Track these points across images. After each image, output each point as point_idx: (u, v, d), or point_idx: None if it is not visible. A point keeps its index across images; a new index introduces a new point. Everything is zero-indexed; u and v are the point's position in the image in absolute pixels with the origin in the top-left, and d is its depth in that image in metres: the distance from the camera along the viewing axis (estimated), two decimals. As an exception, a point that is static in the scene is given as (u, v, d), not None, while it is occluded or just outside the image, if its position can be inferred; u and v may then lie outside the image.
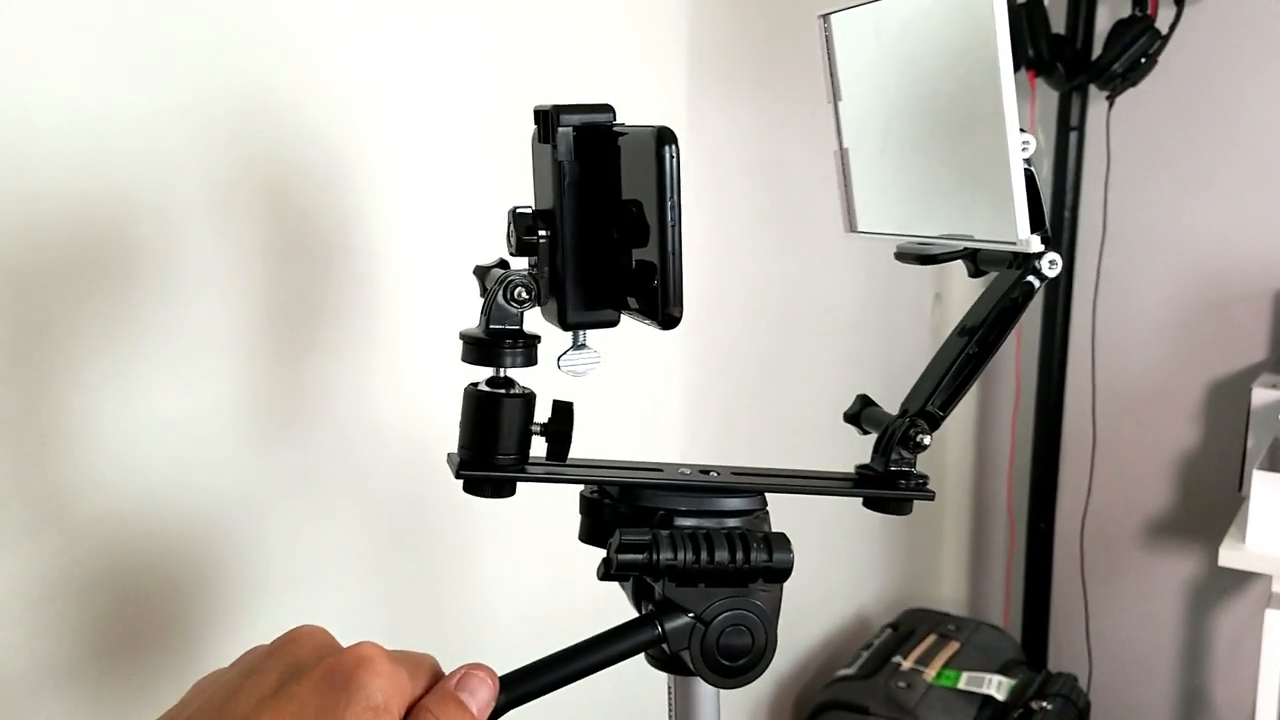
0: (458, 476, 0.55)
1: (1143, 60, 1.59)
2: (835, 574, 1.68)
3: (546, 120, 0.54)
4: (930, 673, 1.53)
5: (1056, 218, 1.73)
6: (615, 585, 0.58)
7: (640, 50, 1.13)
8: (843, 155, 0.70)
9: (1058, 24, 1.67)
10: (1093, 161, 1.74)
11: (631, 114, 0.56)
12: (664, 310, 0.51)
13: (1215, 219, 1.75)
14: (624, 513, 0.57)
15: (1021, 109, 1.80)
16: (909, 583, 1.92)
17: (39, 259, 0.65)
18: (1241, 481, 1.57)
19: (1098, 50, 1.64)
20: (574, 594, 1.02)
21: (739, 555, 0.53)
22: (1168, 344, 1.81)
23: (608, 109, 0.55)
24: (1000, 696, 1.50)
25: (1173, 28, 1.59)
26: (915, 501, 0.62)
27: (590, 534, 0.58)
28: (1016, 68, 1.66)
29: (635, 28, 1.12)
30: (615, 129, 0.54)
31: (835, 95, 0.69)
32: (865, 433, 0.69)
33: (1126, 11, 1.62)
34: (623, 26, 1.10)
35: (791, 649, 1.58)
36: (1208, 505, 1.80)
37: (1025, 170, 0.58)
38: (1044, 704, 1.52)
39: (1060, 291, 1.76)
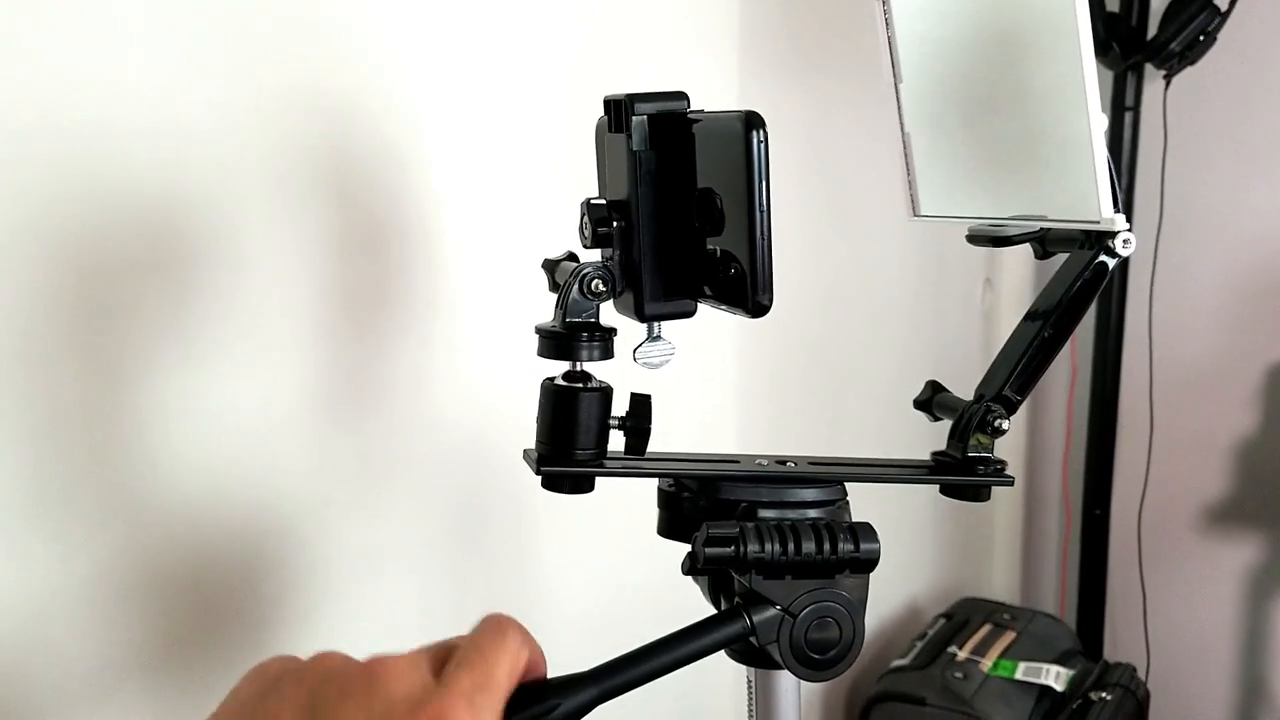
0: (538, 473, 0.54)
1: (1201, 38, 1.56)
2: (887, 563, 1.64)
3: (619, 110, 0.54)
4: (987, 663, 1.51)
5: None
6: (683, 574, 0.57)
7: (693, 35, 1.12)
8: (905, 139, 0.69)
9: (1112, 2, 1.63)
10: (1149, 142, 1.71)
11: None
12: (754, 298, 0.50)
13: (1275, 200, 1.71)
14: (704, 506, 0.57)
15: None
16: (962, 571, 1.90)
17: (107, 256, 0.65)
18: (1305, 467, 1.54)
19: (1154, 29, 1.61)
20: (642, 582, 1.02)
21: (826, 546, 0.52)
22: (1226, 327, 1.78)
23: (682, 96, 0.54)
24: (1058, 687, 1.48)
25: (1232, 4, 1.55)
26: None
27: (670, 528, 0.58)
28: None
29: (688, 12, 1.11)
30: (690, 116, 0.54)
31: (896, 77, 0.67)
32: (936, 419, 0.68)
33: (1183, -12, 1.59)
34: (675, 11, 1.09)
35: (844, 639, 1.57)
36: (1269, 491, 1.77)
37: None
38: (1103, 694, 1.49)
39: (1116, 274, 1.73)
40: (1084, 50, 0.54)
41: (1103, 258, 0.63)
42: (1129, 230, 0.59)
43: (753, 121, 0.49)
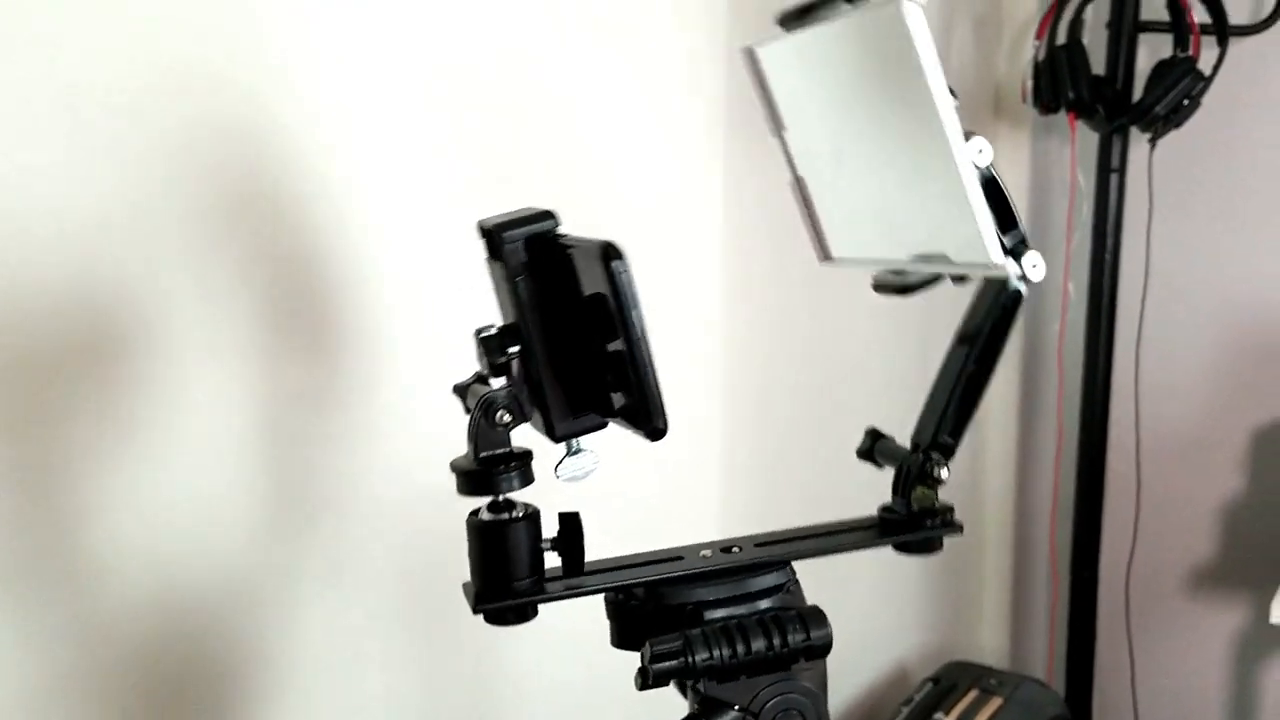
0: (476, 611, 0.54)
1: (1185, 102, 1.56)
2: (874, 625, 1.64)
3: (491, 238, 0.53)
4: (972, 731, 1.49)
5: (1098, 261, 1.70)
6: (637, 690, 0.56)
7: (680, 79, 1.11)
8: (799, 185, 0.69)
9: (1098, 65, 1.64)
10: (1135, 204, 1.71)
11: (676, 153, 0.54)
12: (650, 425, 0.49)
13: (1261, 261, 1.71)
14: (651, 611, 0.56)
15: (1061, 151, 1.77)
16: (949, 633, 1.88)
17: (41, 348, 0.64)
18: (1293, 533, 1.52)
19: (1139, 92, 1.61)
20: (610, 665, 1.00)
21: (776, 640, 0.51)
22: (1214, 388, 1.77)
23: (549, 216, 0.53)
24: (1044, 756, 1.46)
25: (1216, 69, 1.56)
26: (949, 540, 0.61)
27: (621, 638, 0.57)
28: (1057, 109, 1.63)
29: (675, 52, 1.09)
30: (560, 240, 0.53)
31: (779, 126, 0.67)
32: (881, 467, 0.67)
33: (1168, 52, 1.59)
34: (662, 51, 1.07)
35: (832, 703, 1.55)
36: (1258, 555, 1.75)
37: (987, 177, 0.55)
38: (1090, 763, 1.47)
39: (1102, 335, 1.72)
40: (933, 84, 0.52)
41: (1015, 284, 0.62)
42: (1021, 271, 0.58)
43: (610, 253, 0.48)
